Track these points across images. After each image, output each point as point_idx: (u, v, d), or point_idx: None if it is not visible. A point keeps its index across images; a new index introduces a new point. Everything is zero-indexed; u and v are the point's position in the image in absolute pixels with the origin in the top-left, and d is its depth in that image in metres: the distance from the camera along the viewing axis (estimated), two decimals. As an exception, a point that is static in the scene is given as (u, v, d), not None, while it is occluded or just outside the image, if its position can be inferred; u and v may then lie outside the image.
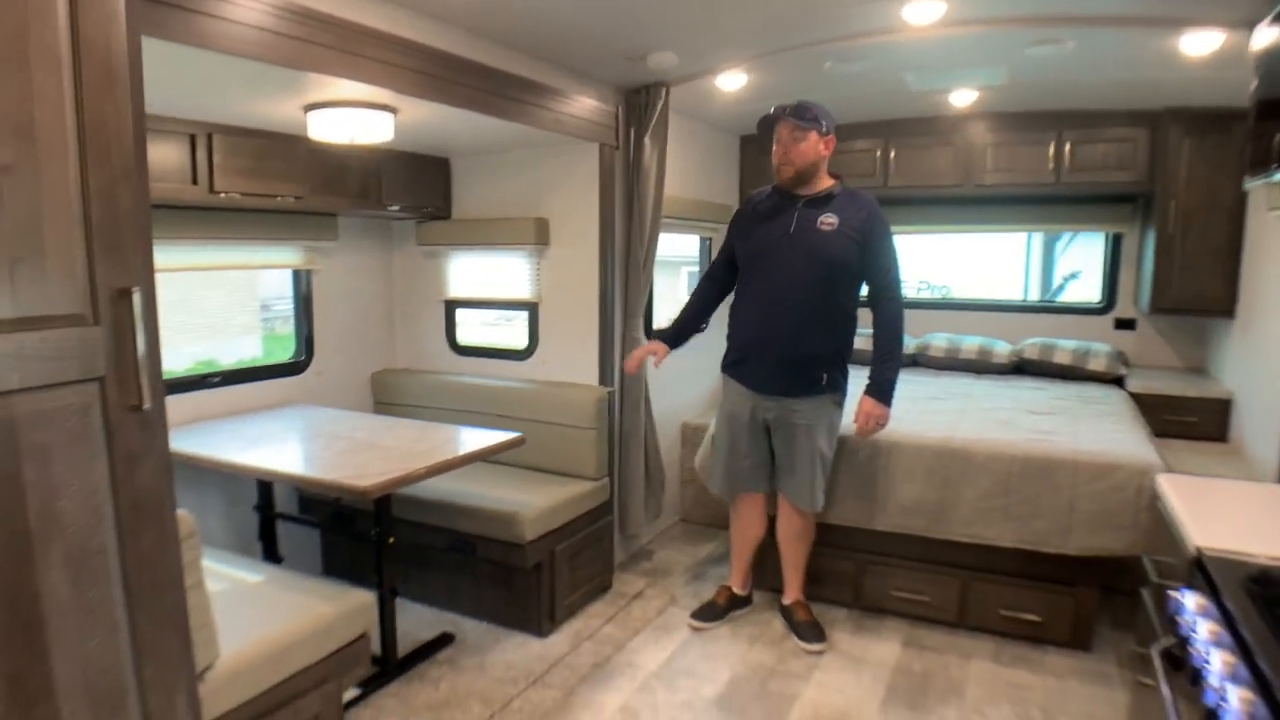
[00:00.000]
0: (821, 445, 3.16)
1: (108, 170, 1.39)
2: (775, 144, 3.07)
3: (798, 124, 3.00)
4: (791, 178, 3.05)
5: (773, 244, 3.11)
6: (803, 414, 3.12)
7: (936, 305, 5.87)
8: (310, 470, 2.63)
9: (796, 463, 3.17)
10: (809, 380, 3.09)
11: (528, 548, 3.18)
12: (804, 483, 3.17)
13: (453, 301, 4.18)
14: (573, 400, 3.61)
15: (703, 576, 3.97)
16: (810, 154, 3.01)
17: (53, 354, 1.32)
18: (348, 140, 2.83)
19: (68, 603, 1.38)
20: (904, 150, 4.90)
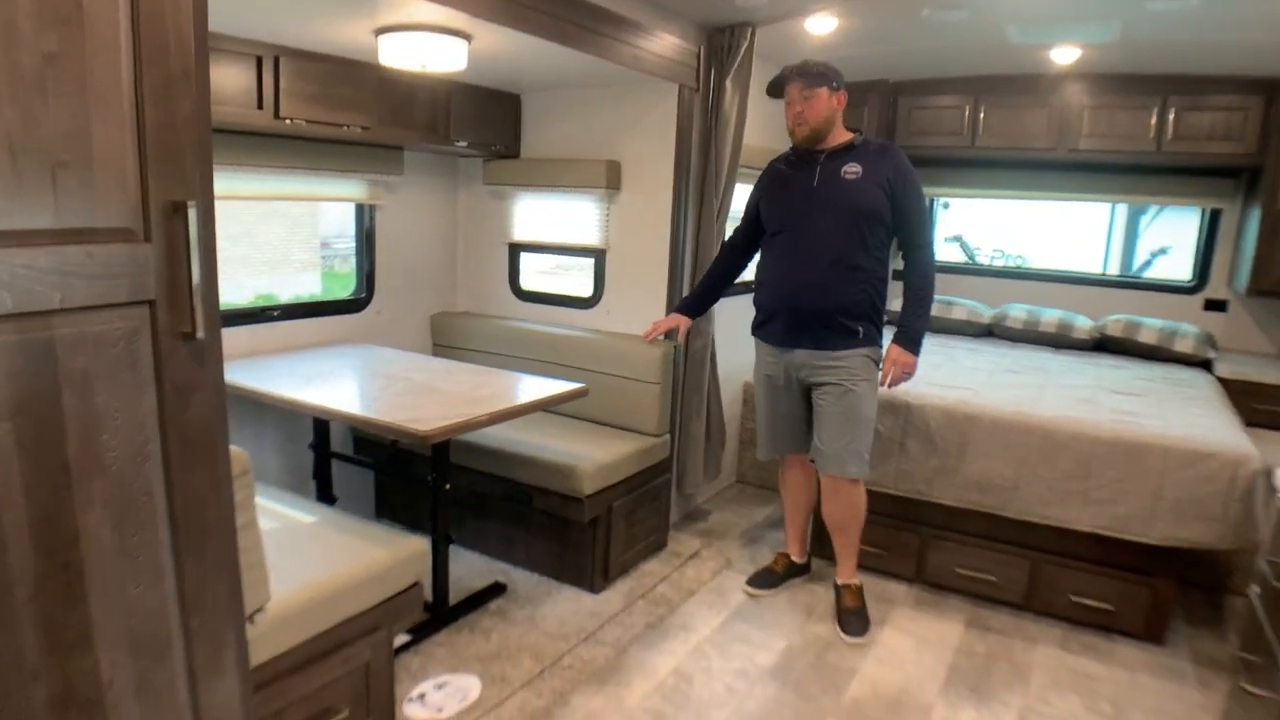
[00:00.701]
0: (862, 406, 3.00)
1: (164, 69, 1.25)
2: (786, 106, 2.98)
3: (806, 83, 2.91)
4: (807, 136, 2.96)
5: (797, 199, 3.01)
6: (838, 370, 2.98)
7: (1014, 275, 5.61)
8: (368, 411, 2.55)
9: (832, 425, 3.00)
10: (844, 333, 2.95)
11: (585, 502, 3.09)
12: (839, 449, 2.99)
13: (517, 244, 4.06)
14: (637, 353, 3.49)
15: (759, 540, 3.87)
16: (822, 111, 2.91)
17: (99, 271, 1.20)
18: (419, 67, 2.69)
19: (109, 546, 1.28)
20: (995, 109, 4.63)
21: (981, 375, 3.85)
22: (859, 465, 3.03)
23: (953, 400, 3.33)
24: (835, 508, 3.14)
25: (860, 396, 2.99)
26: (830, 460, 3.03)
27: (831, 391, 2.99)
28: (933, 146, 4.80)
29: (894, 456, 3.38)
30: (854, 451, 3.00)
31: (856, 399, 2.98)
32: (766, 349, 3.16)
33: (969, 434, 3.25)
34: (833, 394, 2.99)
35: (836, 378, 2.98)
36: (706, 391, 3.81)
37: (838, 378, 2.98)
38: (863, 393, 2.99)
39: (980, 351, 4.51)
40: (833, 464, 3.02)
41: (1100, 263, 8.35)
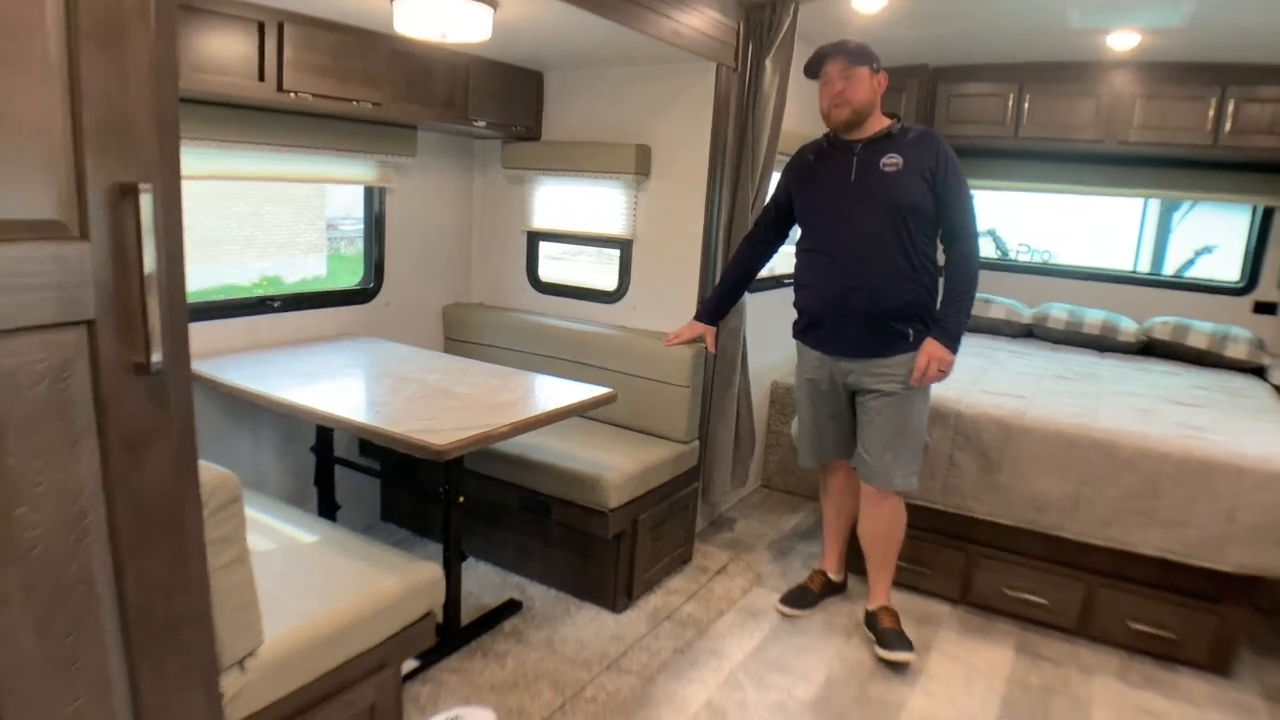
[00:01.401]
0: (912, 414, 2.77)
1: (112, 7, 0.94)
2: (823, 86, 2.72)
3: (848, 61, 2.65)
4: (847, 119, 2.69)
5: (834, 194, 2.77)
6: (887, 377, 2.74)
7: (1051, 272, 5.33)
8: (376, 419, 2.30)
9: (879, 434, 2.77)
10: (894, 337, 2.72)
11: (610, 515, 2.85)
12: (886, 459, 2.77)
13: (536, 233, 3.80)
14: (665, 353, 3.24)
15: (789, 553, 3.63)
16: (864, 93, 2.67)
17: (9, 282, 0.88)
18: (438, 37, 2.43)
19: (31, 655, 0.96)
20: (1040, 98, 4.36)
21: (1031, 381, 3.60)
22: (906, 478, 2.79)
23: (1007, 410, 3.08)
24: (875, 523, 2.90)
25: (911, 405, 2.75)
26: (876, 472, 2.79)
27: (879, 399, 2.75)
28: (972, 136, 4.54)
29: (941, 469, 3.14)
30: (902, 463, 2.77)
31: (907, 407, 2.74)
32: (810, 354, 2.93)
33: (1024, 447, 3.00)
34: (881, 402, 2.75)
35: (886, 385, 2.74)
36: (738, 393, 3.56)
37: (887, 385, 2.74)
38: (914, 401, 2.75)
39: (1024, 355, 4.26)
40: (879, 476, 2.79)
41: (1131, 259, 8.07)
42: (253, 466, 3.13)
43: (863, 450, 2.82)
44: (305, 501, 3.11)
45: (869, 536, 2.93)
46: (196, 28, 2.36)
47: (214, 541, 1.59)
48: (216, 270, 11.78)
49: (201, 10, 2.37)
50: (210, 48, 2.40)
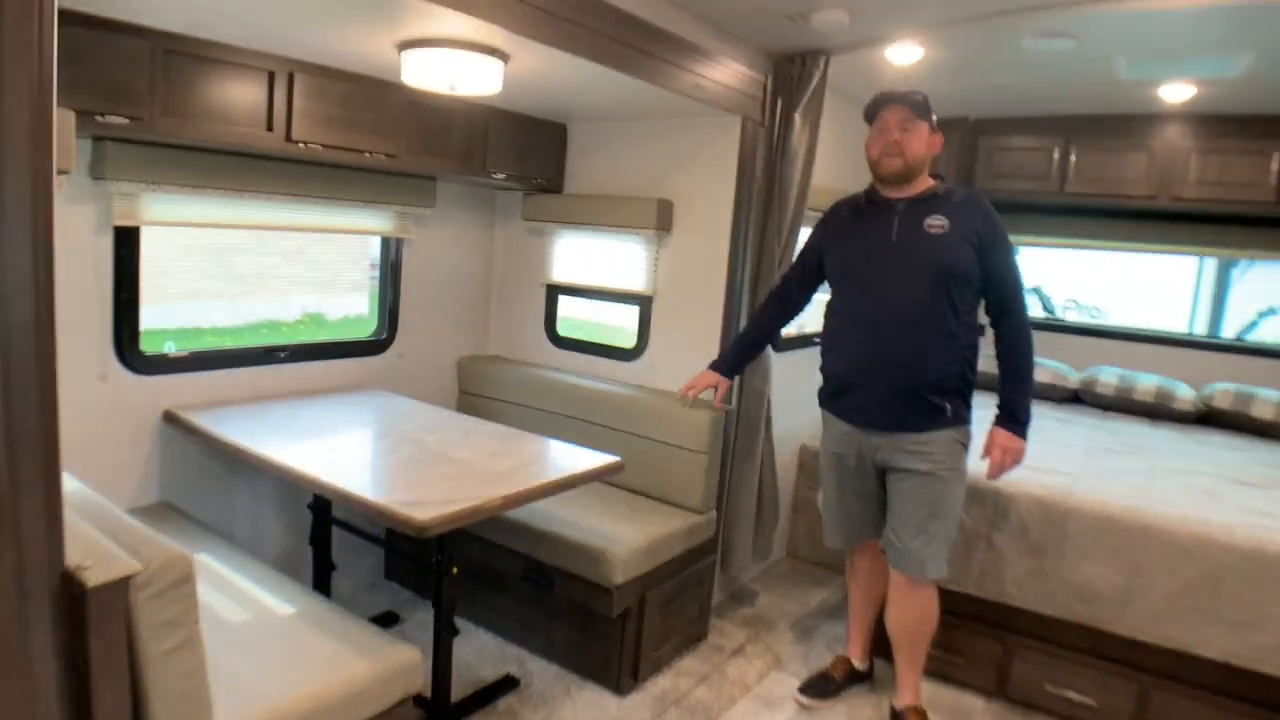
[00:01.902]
0: (948, 496, 2.55)
1: None
2: (877, 132, 2.54)
3: (912, 112, 2.49)
4: (897, 171, 2.51)
5: (872, 254, 2.58)
6: (922, 455, 2.52)
7: (1100, 333, 5.06)
8: (362, 485, 2.16)
9: (911, 517, 2.55)
10: (929, 412, 2.50)
11: (615, 592, 2.67)
12: (918, 544, 2.54)
13: (556, 286, 3.69)
14: (684, 416, 3.07)
15: (812, 633, 3.39)
16: (921, 148, 2.51)
17: None
18: (447, 89, 2.35)
19: None
20: (1088, 152, 4.18)
21: (1078, 455, 3.35)
22: (938, 565, 2.56)
23: (1051, 488, 2.85)
24: (903, 612, 2.67)
25: (946, 486, 2.53)
26: (906, 558, 2.57)
27: (912, 479, 2.54)
28: (1015, 191, 4.37)
29: (978, 552, 2.91)
30: (935, 550, 2.54)
31: (942, 489, 2.52)
32: (837, 424, 2.72)
33: (1070, 531, 2.76)
34: (913, 481, 2.54)
35: (919, 464, 2.52)
36: (761, 459, 3.38)
37: (920, 464, 2.52)
38: (949, 482, 2.53)
39: (1072, 423, 4.01)
40: (909, 563, 2.57)
41: (1186, 319, 7.72)
42: (251, 521, 3.03)
43: (891, 533, 2.60)
44: (302, 559, 2.99)
45: (897, 627, 2.69)
46: (206, 77, 2.32)
47: (160, 625, 1.50)
48: (260, 306, 11.89)
49: (211, 60, 2.32)
50: (219, 97, 2.35)
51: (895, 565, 2.61)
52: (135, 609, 1.46)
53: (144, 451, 2.72)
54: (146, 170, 2.44)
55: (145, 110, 2.18)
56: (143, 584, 1.45)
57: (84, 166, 2.41)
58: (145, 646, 1.49)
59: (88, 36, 2.06)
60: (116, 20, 2.11)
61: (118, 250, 2.53)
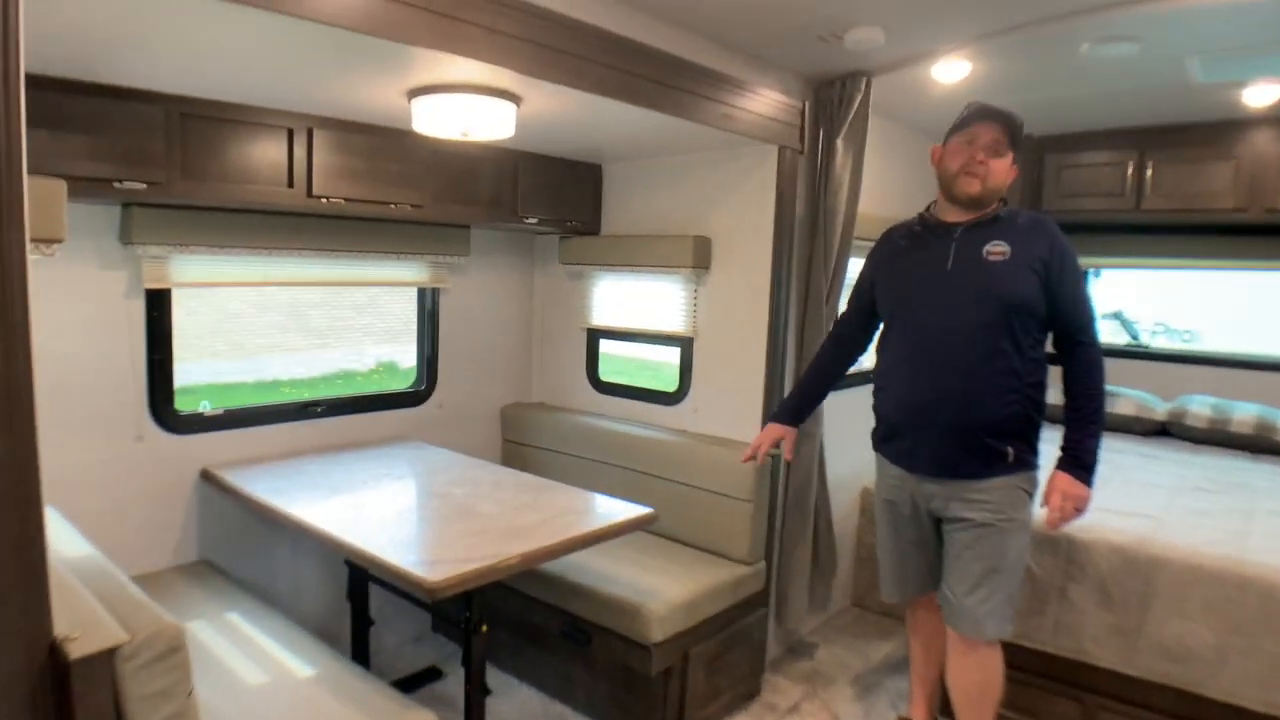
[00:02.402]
0: (1008, 549, 2.30)
1: None
2: (963, 143, 2.31)
3: (1006, 135, 2.28)
4: (974, 195, 2.30)
5: (924, 285, 2.39)
6: (982, 504, 2.30)
7: (1190, 359, 4.68)
8: (381, 544, 2.09)
9: (967, 571, 2.32)
10: (989, 457, 2.28)
11: (654, 650, 2.53)
12: (973, 602, 2.31)
13: (596, 330, 3.61)
14: (728, 463, 2.93)
15: (874, 689, 3.17)
16: (1003, 176, 2.31)
17: None
18: (459, 135, 2.30)
19: None
20: (1166, 165, 3.89)
21: (1163, 496, 3.07)
22: (999, 625, 2.33)
23: (1130, 536, 2.60)
24: (963, 675, 2.43)
25: (1008, 539, 2.30)
26: (962, 617, 2.35)
27: (969, 530, 2.33)
28: (1086, 211, 4.10)
29: (1051, 605, 2.67)
30: (994, 607, 2.31)
31: (1002, 542, 2.30)
32: (890, 469, 2.53)
33: (1154, 583, 2.51)
34: (970, 533, 2.32)
35: (976, 513, 2.31)
36: (815, 506, 3.20)
37: (977, 513, 2.31)
38: (1009, 533, 2.30)
39: (1156, 459, 3.70)
40: (965, 622, 2.34)
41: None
42: (292, 577, 3.00)
43: (947, 589, 2.39)
44: (342, 615, 2.94)
45: (957, 690, 2.46)
46: (223, 139, 2.34)
47: (149, 696, 1.46)
48: (335, 357, 12.37)
49: (227, 121, 2.34)
50: (237, 157, 2.36)
51: (951, 623, 2.39)
52: (123, 680, 1.42)
53: (182, 510, 2.72)
54: (173, 233, 2.46)
55: (163, 174, 2.20)
56: (129, 655, 1.41)
57: (114, 232, 2.45)
58: (132, 719, 1.43)
59: (103, 105, 2.10)
60: (131, 88, 2.14)
61: (149, 312, 2.56)
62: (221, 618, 2.35)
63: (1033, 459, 2.34)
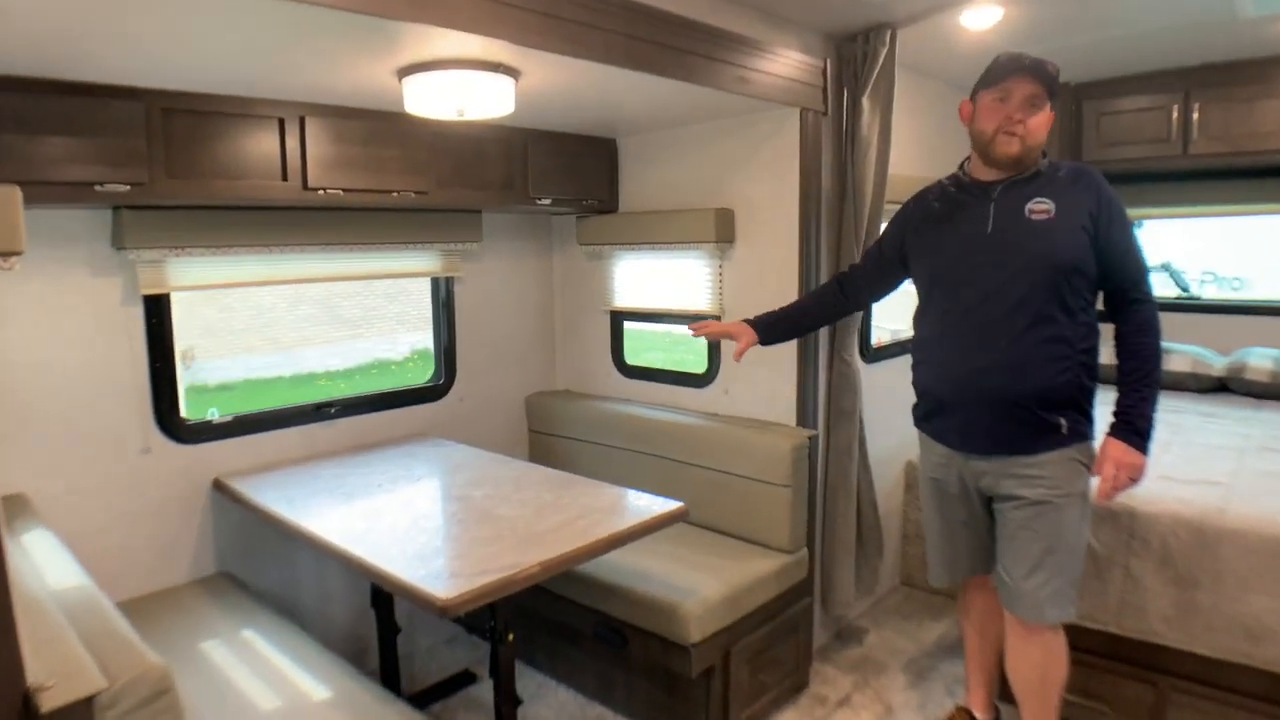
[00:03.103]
0: (1065, 526, 2.14)
1: None
2: (998, 100, 2.11)
3: (1043, 87, 2.08)
4: (1014, 156, 2.11)
5: (964, 250, 2.21)
6: (1035, 480, 2.13)
7: (1246, 309, 4.42)
8: (392, 556, 1.96)
9: (1024, 553, 2.16)
10: (1041, 430, 2.12)
11: (693, 651, 2.39)
12: (1032, 584, 2.15)
13: (619, 312, 3.45)
14: (762, 446, 2.78)
15: (929, 675, 3.02)
16: (1043, 132, 2.13)
17: None
18: (455, 114, 2.15)
19: None
20: (1213, 106, 3.66)
21: (1228, 459, 2.87)
22: (1062, 608, 2.16)
23: (1198, 507, 2.41)
24: (1023, 662, 2.27)
25: (1064, 515, 2.13)
26: (1021, 601, 2.18)
27: (1024, 508, 2.16)
28: (1130, 160, 3.88)
29: (1114, 582, 2.50)
30: (1055, 590, 2.14)
31: (1058, 519, 2.13)
32: (934, 447, 2.37)
33: (1227, 557, 2.32)
34: (1026, 512, 2.16)
35: (1030, 490, 2.14)
36: (857, 486, 3.04)
37: (1032, 489, 2.14)
38: (1069, 510, 2.13)
39: (1216, 417, 3.48)
40: (1024, 606, 2.18)
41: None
42: (316, 586, 2.91)
43: (1003, 571, 2.23)
44: (369, 623, 2.84)
45: (1017, 678, 2.30)
46: (210, 133, 2.21)
47: None
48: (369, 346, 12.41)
49: (213, 114, 2.21)
50: (226, 152, 2.24)
51: (1009, 607, 2.23)
52: (103, 730, 1.31)
53: (197, 522, 2.63)
54: (166, 235, 2.35)
55: (147, 174, 2.08)
56: (109, 703, 1.30)
57: (106, 237, 2.34)
58: (117, 769, 1.33)
59: (79, 105, 1.98)
60: (107, 85, 2.02)
61: (148, 319, 2.45)
62: (237, 636, 2.25)
63: (1088, 429, 2.17)
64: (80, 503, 2.38)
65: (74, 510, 2.35)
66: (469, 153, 2.77)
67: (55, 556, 1.92)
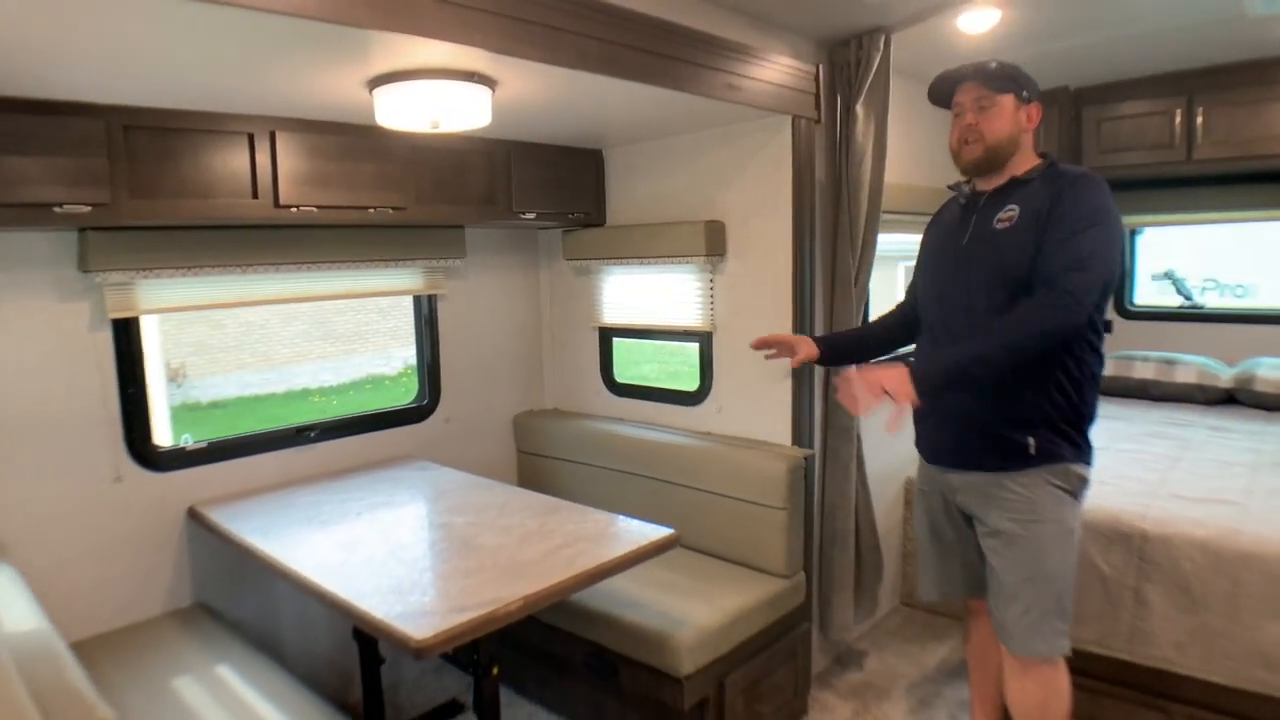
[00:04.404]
0: (1044, 555, 2.04)
1: None
2: (954, 118, 2.15)
3: (986, 87, 2.06)
4: (978, 158, 2.09)
5: (942, 261, 2.22)
6: (1005, 503, 2.06)
7: (1250, 318, 4.32)
8: (365, 592, 1.87)
9: (1003, 582, 2.09)
10: (1007, 449, 2.04)
11: (685, 683, 2.29)
12: (1012, 616, 2.07)
13: (608, 329, 3.36)
14: (756, 467, 2.68)
15: (931, 702, 2.91)
16: (1005, 126, 2.06)
17: None
18: (429, 127, 2.06)
19: None
20: (1218, 109, 3.57)
21: (1242, 477, 2.77)
22: (1051, 640, 2.06)
23: (1212, 529, 2.32)
24: (1021, 697, 2.16)
25: (1039, 544, 2.04)
26: (1008, 633, 2.10)
27: (996, 536, 2.08)
28: (1131, 166, 3.78)
29: (1125, 608, 2.40)
30: (1038, 620, 2.05)
31: (1033, 546, 2.04)
32: (921, 462, 2.33)
33: (1243, 581, 2.23)
34: (999, 541, 2.08)
35: (999, 516, 2.06)
36: (855, 506, 2.94)
37: (1004, 519, 2.06)
38: (1044, 537, 2.04)
39: (1227, 431, 3.39)
40: (1012, 638, 2.09)
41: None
42: (296, 616, 2.81)
43: (990, 601, 2.15)
44: (352, 653, 2.72)
45: (1018, 712, 2.19)
46: (175, 150, 2.13)
47: None
48: (362, 361, 12.23)
49: (178, 130, 2.12)
50: (193, 169, 2.16)
51: (1000, 640, 2.15)
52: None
53: (172, 551, 2.54)
54: (134, 257, 2.26)
55: (108, 194, 1.99)
56: (48, 765, 1.20)
57: (71, 260, 2.25)
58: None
59: (35, 123, 1.89)
60: (65, 101, 1.94)
61: (118, 343, 2.36)
62: (209, 672, 2.15)
63: (1063, 449, 2.04)
64: (50, 535, 2.28)
65: (43, 543, 2.26)
66: (448, 166, 2.68)
67: (13, 596, 1.82)
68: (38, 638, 1.60)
